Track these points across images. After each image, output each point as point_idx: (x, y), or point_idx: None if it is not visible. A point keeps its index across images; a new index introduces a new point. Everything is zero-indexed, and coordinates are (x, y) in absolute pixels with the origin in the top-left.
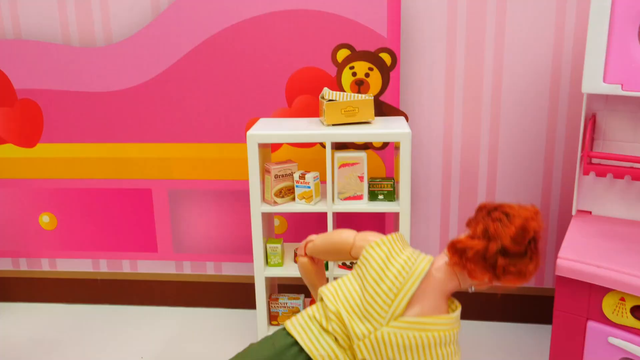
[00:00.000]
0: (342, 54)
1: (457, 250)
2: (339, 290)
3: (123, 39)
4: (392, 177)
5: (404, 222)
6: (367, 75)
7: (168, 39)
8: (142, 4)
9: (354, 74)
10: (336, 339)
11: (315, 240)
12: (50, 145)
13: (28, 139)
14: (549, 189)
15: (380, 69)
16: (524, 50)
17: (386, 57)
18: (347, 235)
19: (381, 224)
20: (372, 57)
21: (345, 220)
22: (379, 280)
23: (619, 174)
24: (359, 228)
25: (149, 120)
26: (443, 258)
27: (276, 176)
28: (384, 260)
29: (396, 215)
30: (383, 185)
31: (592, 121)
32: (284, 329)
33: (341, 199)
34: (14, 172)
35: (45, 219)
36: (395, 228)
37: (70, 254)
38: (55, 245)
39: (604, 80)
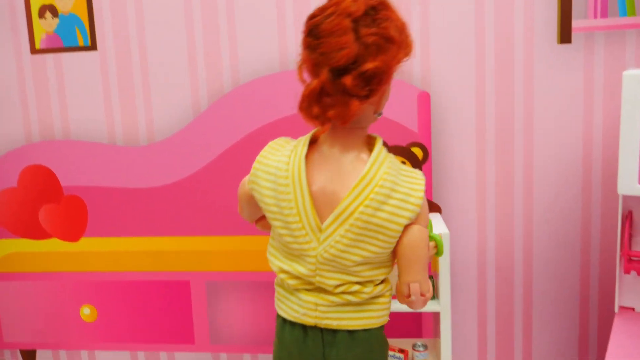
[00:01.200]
0: None
1: (308, 108)
2: (271, 245)
3: (164, 138)
4: (430, 276)
5: (445, 321)
6: None
7: (207, 137)
8: (183, 106)
9: None
10: (307, 290)
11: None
12: (93, 239)
13: (72, 234)
14: (587, 286)
15: (412, 163)
16: (553, 146)
17: (418, 152)
18: (243, 183)
19: (418, 321)
20: (404, 152)
21: None
22: (277, 221)
23: None
24: (397, 327)
25: (187, 215)
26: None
27: None
28: (259, 193)
29: (436, 315)
30: None
31: (629, 218)
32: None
33: None
34: (57, 265)
35: (86, 311)
36: (435, 326)
37: (109, 346)
38: (95, 337)
39: (639, 182)
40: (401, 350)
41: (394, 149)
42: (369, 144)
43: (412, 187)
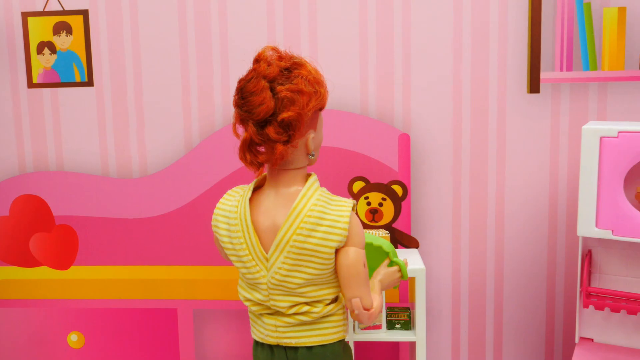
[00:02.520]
0: (358, 185)
1: (246, 157)
2: (239, 278)
3: (157, 171)
4: (407, 307)
5: (420, 350)
6: (380, 204)
7: (197, 172)
8: (175, 141)
9: (369, 204)
10: (268, 314)
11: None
12: (83, 268)
13: (62, 262)
14: (553, 318)
15: (392, 199)
16: (523, 188)
17: (398, 189)
18: None
19: (395, 350)
20: (384, 189)
21: (362, 348)
22: (235, 257)
23: (615, 308)
24: (375, 356)
25: (177, 245)
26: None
27: None
28: (218, 228)
29: (412, 344)
30: (400, 315)
31: (588, 256)
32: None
33: (361, 329)
34: (46, 292)
35: (74, 338)
36: (412, 355)
37: None
38: None
39: (597, 226)
40: None
41: (376, 186)
42: (306, 181)
43: (339, 214)
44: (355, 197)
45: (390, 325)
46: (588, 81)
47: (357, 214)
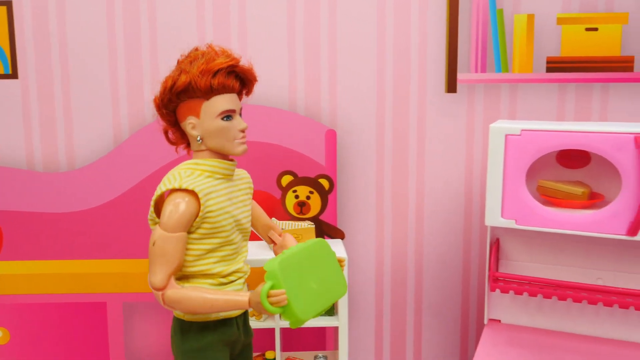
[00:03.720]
0: (286, 179)
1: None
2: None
3: (85, 165)
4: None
5: (343, 334)
6: (308, 197)
7: (127, 165)
8: (104, 135)
9: (297, 197)
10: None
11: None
12: (9, 263)
13: None
14: (467, 301)
15: (319, 193)
16: (441, 181)
17: (325, 182)
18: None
19: (322, 335)
20: (312, 182)
21: (288, 334)
22: None
23: (518, 291)
24: (302, 341)
25: (105, 238)
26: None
27: None
28: None
29: (336, 329)
30: None
31: (496, 244)
32: None
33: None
34: None
35: None
36: (335, 340)
37: None
38: (8, 359)
39: (502, 216)
40: None
41: (304, 180)
42: None
43: (162, 185)
44: (284, 190)
45: None
46: (500, 82)
47: (199, 202)
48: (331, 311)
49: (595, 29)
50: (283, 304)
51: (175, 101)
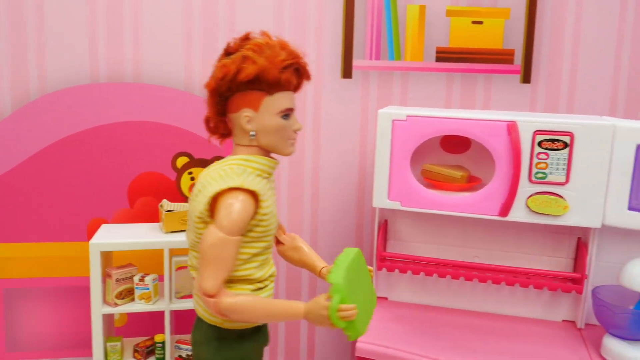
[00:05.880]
0: (182, 161)
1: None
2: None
3: None
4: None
5: None
6: None
7: (8, 144)
8: None
9: (192, 179)
10: None
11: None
12: None
13: None
14: None
15: None
16: (336, 164)
17: None
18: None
19: None
20: (208, 164)
21: (182, 315)
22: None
23: (403, 270)
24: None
25: None
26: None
27: (117, 280)
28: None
29: None
30: None
31: (384, 225)
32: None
33: (177, 298)
34: None
35: None
36: None
37: None
38: None
39: (388, 198)
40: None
41: (200, 162)
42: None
43: (216, 184)
44: (179, 172)
45: None
46: (393, 70)
47: (255, 201)
48: None
49: (481, 22)
50: (352, 319)
51: (234, 90)
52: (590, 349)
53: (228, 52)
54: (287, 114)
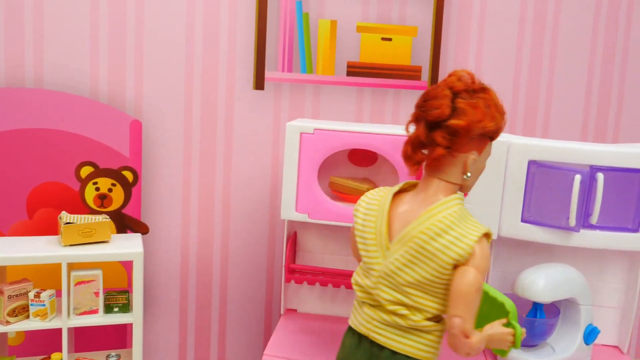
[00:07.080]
0: (86, 170)
1: (405, 155)
2: (359, 267)
3: None
4: (126, 290)
5: (137, 331)
6: (110, 190)
7: None
8: None
9: (97, 189)
10: (369, 305)
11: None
12: None
13: None
14: (271, 292)
15: (122, 185)
16: (248, 174)
17: (128, 175)
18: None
19: (123, 332)
20: (114, 174)
21: (82, 332)
22: (360, 238)
23: (311, 282)
24: (97, 339)
25: None
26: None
27: (9, 296)
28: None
29: (131, 325)
30: (118, 299)
31: (294, 237)
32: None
33: (76, 314)
34: None
35: None
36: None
37: None
38: None
39: (296, 210)
40: None
41: (105, 172)
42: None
43: (470, 231)
44: (84, 182)
45: (108, 309)
46: (305, 82)
47: (489, 244)
48: (126, 308)
49: (390, 39)
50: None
51: (479, 136)
52: (487, 356)
53: (469, 89)
54: None
